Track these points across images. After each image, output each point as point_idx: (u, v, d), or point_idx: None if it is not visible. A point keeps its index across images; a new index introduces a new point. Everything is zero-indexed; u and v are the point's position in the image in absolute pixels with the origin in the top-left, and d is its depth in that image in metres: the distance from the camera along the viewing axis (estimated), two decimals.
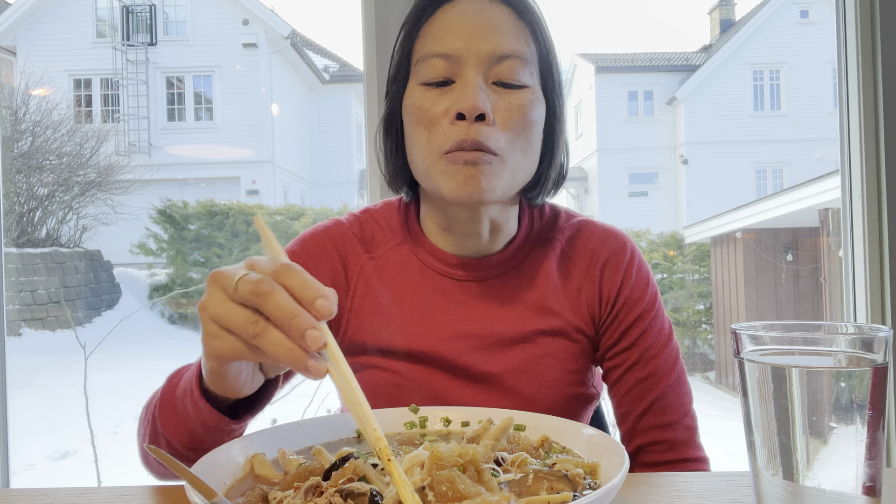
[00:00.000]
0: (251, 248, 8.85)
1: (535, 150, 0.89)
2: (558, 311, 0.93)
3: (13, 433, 1.81)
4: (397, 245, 0.97)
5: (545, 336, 0.92)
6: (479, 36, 0.84)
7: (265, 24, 12.86)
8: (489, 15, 0.86)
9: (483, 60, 0.84)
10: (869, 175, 1.64)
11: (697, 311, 8.57)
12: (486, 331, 0.92)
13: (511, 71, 0.85)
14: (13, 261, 7.30)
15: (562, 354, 0.92)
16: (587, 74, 16.98)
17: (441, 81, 0.85)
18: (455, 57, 0.84)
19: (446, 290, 0.94)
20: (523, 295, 0.94)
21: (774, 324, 0.54)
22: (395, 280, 0.95)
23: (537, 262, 0.96)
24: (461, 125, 0.83)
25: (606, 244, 0.97)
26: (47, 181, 8.52)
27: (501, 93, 0.85)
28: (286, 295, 0.54)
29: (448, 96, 0.85)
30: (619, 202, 15.98)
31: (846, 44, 1.68)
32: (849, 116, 1.69)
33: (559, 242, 0.97)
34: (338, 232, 0.98)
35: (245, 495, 0.56)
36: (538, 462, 0.60)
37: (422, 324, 0.93)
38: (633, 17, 45.73)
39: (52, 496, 0.69)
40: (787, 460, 0.51)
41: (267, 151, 12.90)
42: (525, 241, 0.97)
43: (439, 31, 0.86)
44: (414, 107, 0.87)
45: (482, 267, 0.94)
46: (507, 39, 0.85)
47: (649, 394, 0.92)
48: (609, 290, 0.95)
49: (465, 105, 0.82)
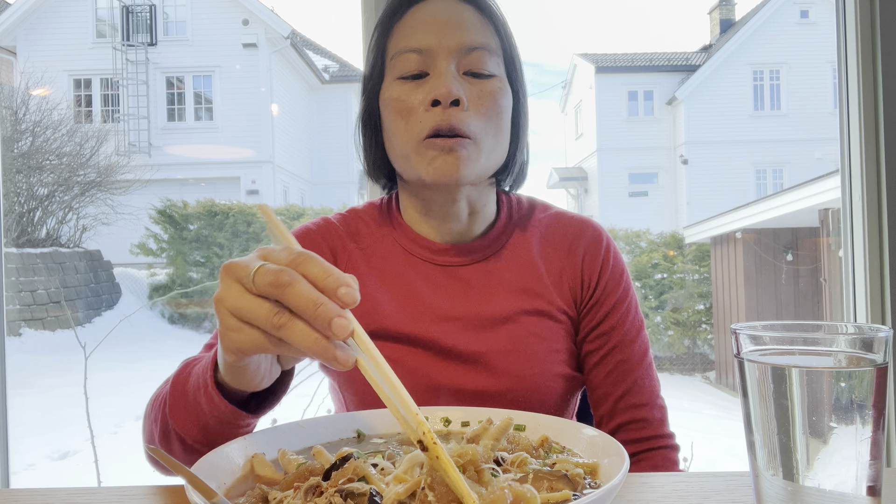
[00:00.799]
0: (251, 248, 8.85)
1: (506, 134, 0.95)
2: (541, 293, 0.97)
3: (13, 433, 1.81)
4: (381, 236, 1.01)
5: (530, 316, 0.96)
6: (449, 31, 0.91)
7: (265, 24, 12.86)
8: (456, 12, 0.93)
9: (454, 52, 0.91)
10: (869, 175, 1.64)
11: (697, 311, 8.57)
12: (471, 312, 0.95)
13: (480, 61, 0.91)
14: (13, 261, 7.31)
15: (546, 333, 0.96)
16: (587, 74, 16.99)
17: (416, 74, 0.91)
18: (427, 50, 0.91)
19: (430, 275, 0.98)
20: (506, 277, 0.98)
21: (774, 324, 0.54)
22: (381, 267, 0.99)
23: (518, 247, 1.00)
24: (436, 111, 0.88)
25: (584, 233, 1.02)
26: (47, 181, 8.53)
27: (473, 82, 0.91)
28: (308, 284, 0.53)
29: (423, 87, 0.91)
30: (619, 202, 15.98)
31: (846, 44, 1.68)
32: (849, 116, 1.69)
33: (537, 230, 1.03)
34: (326, 228, 1.02)
35: (245, 495, 0.56)
36: (538, 462, 0.60)
37: (408, 307, 0.96)
38: (633, 17, 45.72)
39: (52, 496, 0.69)
40: (787, 460, 0.51)
41: (267, 151, 12.90)
42: (505, 226, 1.02)
43: (411, 29, 0.93)
44: (392, 99, 0.92)
45: (464, 251, 0.99)
46: (474, 33, 0.92)
47: (628, 376, 0.97)
48: (590, 276, 0.99)
49: (440, 92, 0.88)
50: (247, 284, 0.55)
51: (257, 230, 9.03)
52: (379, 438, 0.72)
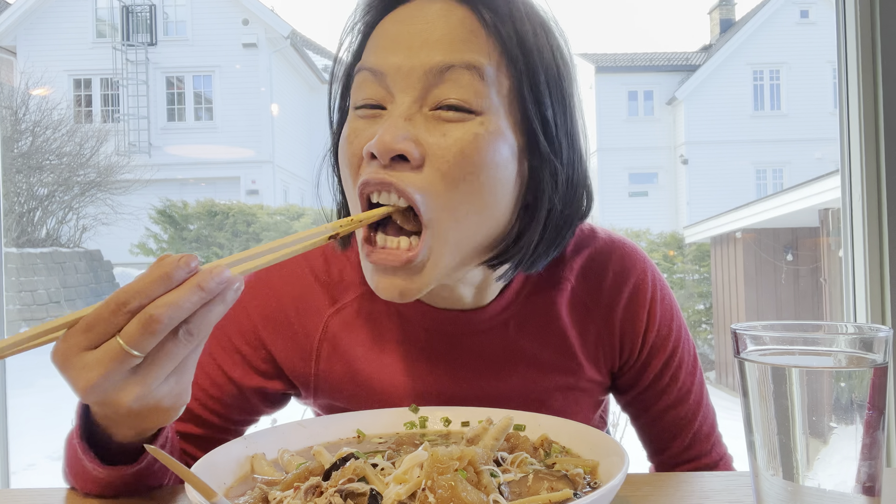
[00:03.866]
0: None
1: (492, 202, 0.67)
2: (572, 367, 0.80)
3: (13, 433, 1.81)
4: (369, 291, 0.76)
5: (557, 392, 0.80)
6: (416, 46, 0.65)
7: (265, 24, 12.86)
8: (435, 19, 0.66)
9: (416, 77, 0.64)
10: (869, 175, 1.64)
11: (697, 311, 8.57)
12: (482, 392, 0.78)
13: (453, 89, 0.64)
14: (13, 261, 7.30)
15: (573, 408, 0.81)
16: (587, 74, 16.97)
17: (374, 104, 0.67)
18: (382, 74, 0.66)
19: (434, 348, 0.79)
20: (527, 348, 0.79)
21: (774, 324, 0.54)
22: (368, 337, 0.80)
23: (543, 308, 0.80)
24: (372, 168, 0.65)
25: (626, 278, 0.82)
26: (47, 181, 8.52)
27: (442, 123, 0.65)
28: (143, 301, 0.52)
29: (376, 126, 0.66)
30: (619, 202, 15.97)
31: (846, 44, 1.68)
32: (849, 116, 1.69)
33: (568, 282, 0.81)
34: (297, 283, 0.81)
35: (245, 495, 0.56)
36: (538, 462, 0.60)
37: (407, 388, 0.79)
38: (633, 17, 45.71)
39: (52, 496, 0.69)
40: (787, 460, 0.51)
41: (267, 151, 12.89)
42: (524, 283, 0.80)
43: (374, 40, 0.69)
44: (343, 138, 0.70)
45: (475, 320, 0.78)
46: (450, 47, 0.64)
47: (686, 429, 0.86)
48: (633, 337, 0.82)
49: (374, 141, 0.63)
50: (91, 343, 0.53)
51: (257, 230, 9.03)
52: (379, 438, 0.72)
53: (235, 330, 0.81)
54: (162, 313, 0.51)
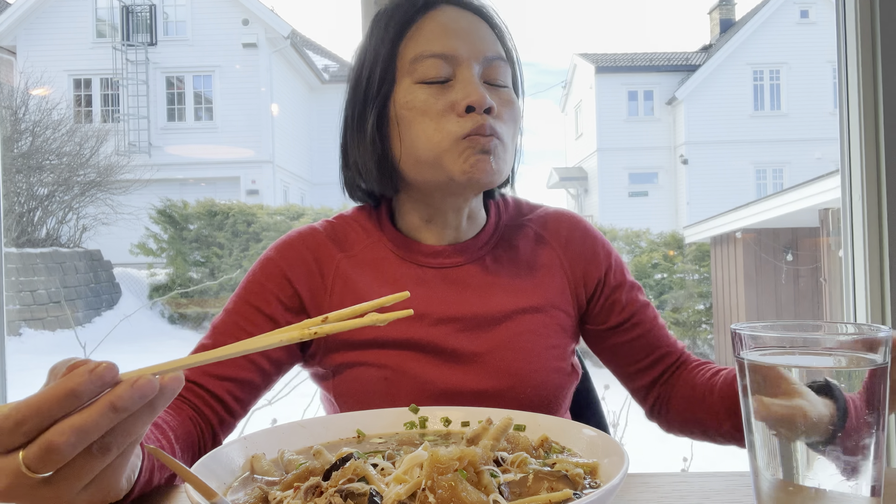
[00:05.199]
0: (250, 248, 8.86)
1: (518, 141, 1.00)
2: (535, 290, 0.99)
3: None
4: (372, 244, 1.01)
5: (525, 313, 0.97)
6: (474, 39, 0.94)
7: (265, 24, 12.87)
8: (473, 23, 0.95)
9: (479, 61, 0.93)
10: (869, 175, 1.64)
11: (697, 311, 8.57)
12: (468, 313, 0.96)
13: (497, 72, 0.95)
14: (13, 261, 7.31)
15: (542, 330, 0.97)
16: (587, 74, 16.99)
17: (440, 79, 0.92)
18: (453, 57, 0.92)
19: (425, 279, 0.98)
20: (501, 276, 0.99)
21: (774, 324, 0.54)
22: (372, 275, 0.98)
23: (511, 246, 1.03)
24: (471, 117, 0.90)
25: (575, 223, 1.06)
26: (47, 181, 8.53)
27: (492, 90, 0.94)
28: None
29: (448, 92, 0.92)
30: (619, 202, 16.00)
31: (846, 44, 1.68)
32: (849, 116, 1.69)
33: (530, 228, 1.05)
34: (311, 237, 1.01)
35: (245, 495, 0.56)
36: (538, 462, 0.60)
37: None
38: (633, 17, 45.71)
39: None
40: (787, 460, 0.51)
41: (267, 151, 12.91)
42: (496, 227, 1.04)
43: (432, 33, 0.93)
44: (418, 101, 0.92)
45: (458, 253, 1.00)
46: (493, 44, 0.95)
47: (663, 339, 1.03)
48: (588, 269, 1.03)
49: (475, 99, 0.89)
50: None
51: (257, 230, 9.03)
52: (379, 438, 0.72)
53: (265, 276, 0.97)
54: (63, 441, 0.47)
